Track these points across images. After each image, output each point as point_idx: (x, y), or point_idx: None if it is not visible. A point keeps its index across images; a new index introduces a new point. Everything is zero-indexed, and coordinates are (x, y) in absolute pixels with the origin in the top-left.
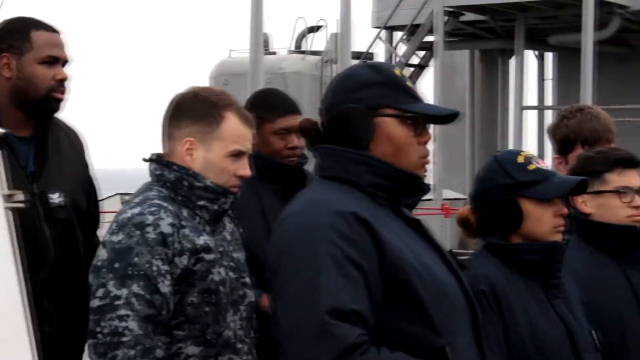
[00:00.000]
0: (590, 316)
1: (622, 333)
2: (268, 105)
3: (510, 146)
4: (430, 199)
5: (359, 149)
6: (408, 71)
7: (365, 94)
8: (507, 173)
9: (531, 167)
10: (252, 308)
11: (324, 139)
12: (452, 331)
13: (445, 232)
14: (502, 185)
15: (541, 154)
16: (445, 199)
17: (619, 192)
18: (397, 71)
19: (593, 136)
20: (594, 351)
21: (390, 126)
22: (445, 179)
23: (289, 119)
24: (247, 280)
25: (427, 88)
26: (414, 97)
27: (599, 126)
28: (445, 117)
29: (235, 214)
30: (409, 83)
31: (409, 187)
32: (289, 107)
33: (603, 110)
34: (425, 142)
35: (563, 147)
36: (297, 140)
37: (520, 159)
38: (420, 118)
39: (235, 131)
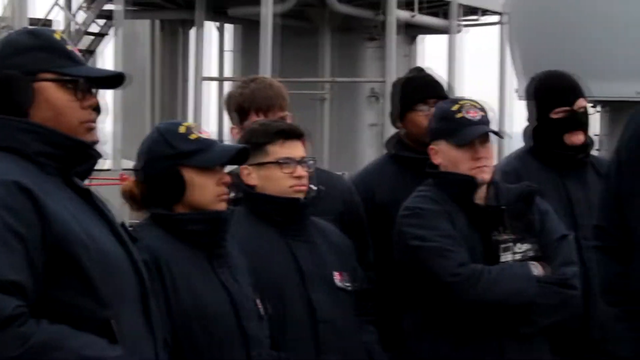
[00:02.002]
0: (255, 285)
1: (283, 303)
2: None
3: (190, 117)
4: (109, 169)
5: (19, 115)
6: (88, 40)
7: (23, 59)
8: (169, 143)
9: (193, 136)
10: None
11: None
12: (118, 303)
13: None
14: (165, 156)
15: (221, 125)
16: (124, 169)
17: (280, 163)
18: (57, 35)
19: (266, 104)
20: (258, 320)
21: (50, 91)
22: (125, 149)
23: None
24: None
25: (107, 57)
26: (75, 61)
27: (272, 94)
28: (111, 81)
29: None
30: (69, 47)
31: (78, 154)
32: None
33: (281, 81)
34: (90, 107)
35: (238, 116)
36: None
37: (182, 129)
38: (81, 82)
39: None
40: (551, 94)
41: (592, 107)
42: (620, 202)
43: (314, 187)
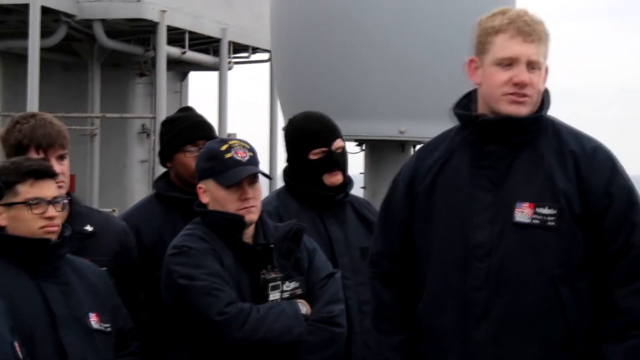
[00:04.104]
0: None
1: (34, 347)
2: None
3: None
4: None
5: None
6: None
7: None
8: None
9: None
10: None
11: None
12: None
13: None
14: None
15: None
16: None
17: (30, 203)
18: None
19: (47, 141)
20: None
21: None
22: None
23: None
24: None
25: None
26: None
27: (53, 131)
28: None
29: None
30: None
31: None
32: None
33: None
34: None
35: (15, 152)
36: None
37: None
38: None
39: None
40: (309, 135)
41: (357, 145)
42: (405, 229)
43: (89, 228)
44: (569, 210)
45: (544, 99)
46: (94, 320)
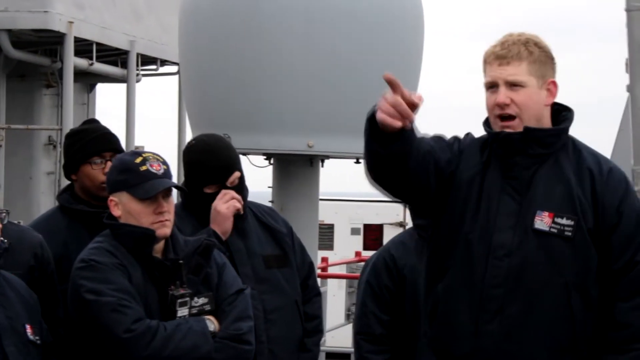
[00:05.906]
0: None
1: None
2: None
3: None
4: None
5: None
6: None
7: None
8: None
9: None
10: None
11: None
12: None
13: None
14: None
15: None
16: None
17: None
18: None
19: None
20: None
21: None
22: None
23: None
24: None
25: None
26: None
27: None
28: None
29: None
30: None
31: None
32: None
33: None
34: None
35: None
36: None
37: None
38: None
39: None
40: (204, 171)
41: (265, 159)
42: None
43: (5, 240)
44: (584, 223)
45: (561, 114)
46: (29, 332)
